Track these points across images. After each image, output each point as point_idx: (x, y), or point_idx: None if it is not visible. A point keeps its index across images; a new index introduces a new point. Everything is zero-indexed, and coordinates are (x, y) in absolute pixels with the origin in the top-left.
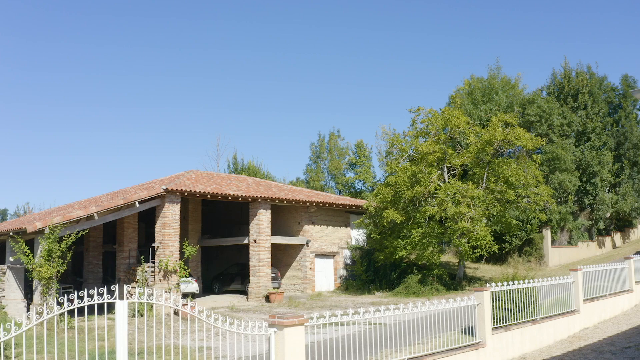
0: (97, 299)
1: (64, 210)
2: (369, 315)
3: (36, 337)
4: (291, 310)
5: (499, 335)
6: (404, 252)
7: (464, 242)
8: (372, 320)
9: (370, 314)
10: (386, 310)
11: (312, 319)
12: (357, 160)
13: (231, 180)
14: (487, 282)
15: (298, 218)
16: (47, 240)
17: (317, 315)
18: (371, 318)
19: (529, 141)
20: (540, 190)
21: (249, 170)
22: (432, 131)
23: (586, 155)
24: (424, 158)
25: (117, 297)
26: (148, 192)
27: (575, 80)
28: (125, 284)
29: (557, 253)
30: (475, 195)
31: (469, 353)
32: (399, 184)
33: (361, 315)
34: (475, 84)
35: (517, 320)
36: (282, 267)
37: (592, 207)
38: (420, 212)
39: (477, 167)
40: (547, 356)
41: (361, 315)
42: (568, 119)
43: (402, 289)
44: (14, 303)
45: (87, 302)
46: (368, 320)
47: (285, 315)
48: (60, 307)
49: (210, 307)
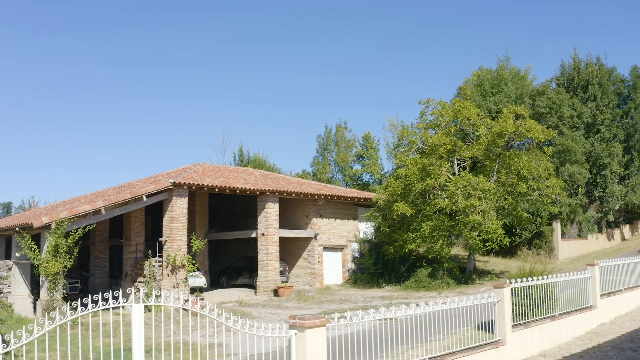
0: (112, 302)
1: (70, 205)
2: (390, 314)
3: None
4: (300, 305)
5: (519, 333)
6: (413, 245)
7: (474, 236)
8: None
9: (392, 312)
10: (407, 309)
11: (333, 320)
12: (364, 152)
13: (238, 173)
14: (497, 275)
15: (306, 211)
16: (53, 236)
17: (338, 316)
18: (392, 316)
19: (541, 133)
20: (552, 182)
21: (255, 162)
22: (443, 123)
23: (596, 147)
24: (435, 150)
25: (132, 300)
26: (155, 186)
27: (585, 72)
28: (133, 278)
29: (567, 246)
30: (487, 188)
31: (489, 351)
32: (409, 176)
33: (382, 314)
34: (484, 75)
35: (535, 317)
36: (290, 261)
37: (601, 199)
38: (430, 205)
39: (487, 159)
40: (566, 353)
41: (382, 314)
42: (578, 110)
43: (412, 282)
44: (21, 299)
45: (101, 306)
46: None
47: (306, 317)
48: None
49: (219, 302)
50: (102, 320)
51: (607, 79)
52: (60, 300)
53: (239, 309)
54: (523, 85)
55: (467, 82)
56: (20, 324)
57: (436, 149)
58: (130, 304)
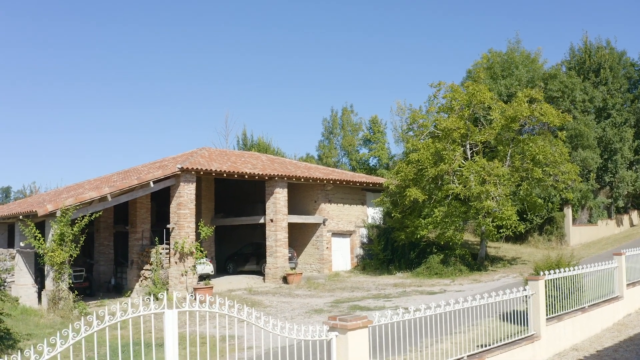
0: (143, 309)
1: (75, 191)
2: (430, 311)
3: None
4: (311, 292)
5: (552, 326)
6: (425, 231)
7: (488, 222)
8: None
9: (432, 310)
10: (446, 305)
11: (375, 319)
12: (371, 136)
13: (245, 157)
14: (509, 262)
15: (314, 196)
16: (59, 224)
17: (379, 315)
18: (432, 313)
19: (556, 117)
20: (568, 168)
21: (259, 146)
22: (456, 107)
23: (608, 132)
24: (448, 134)
25: (165, 306)
26: (163, 172)
27: (597, 55)
28: (139, 266)
29: (577, 232)
30: (501, 173)
31: (525, 347)
32: (422, 161)
33: (422, 312)
34: (494, 59)
35: (566, 310)
36: (297, 247)
37: (611, 184)
38: (442, 191)
39: (499, 144)
40: (599, 347)
41: (422, 312)
42: (590, 94)
43: (424, 269)
44: (25, 288)
45: (131, 314)
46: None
47: (347, 317)
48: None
49: (227, 290)
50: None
51: (617, 62)
52: (66, 291)
53: (249, 297)
54: (534, 68)
55: (477, 64)
56: (26, 316)
57: (450, 133)
58: (162, 310)
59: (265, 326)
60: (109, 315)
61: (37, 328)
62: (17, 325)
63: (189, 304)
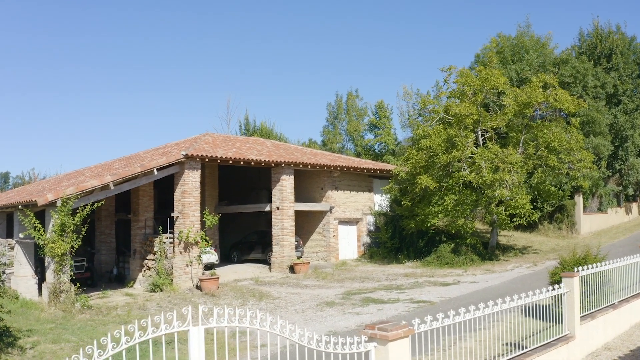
0: (165, 327)
1: (75, 179)
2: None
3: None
4: (320, 283)
5: (586, 325)
6: (436, 219)
7: (501, 210)
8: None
9: (471, 313)
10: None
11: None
12: (377, 121)
13: (250, 143)
14: (520, 251)
15: (320, 183)
16: (59, 214)
17: (419, 322)
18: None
19: (571, 103)
20: (583, 155)
21: (261, 131)
22: (469, 92)
23: (619, 118)
24: (461, 120)
25: (189, 322)
26: (167, 159)
27: (609, 40)
28: (142, 255)
29: (588, 220)
30: (515, 160)
31: (560, 348)
32: (434, 148)
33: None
34: (503, 43)
35: (596, 307)
36: (303, 235)
37: (621, 172)
38: (453, 178)
39: (511, 130)
40: (632, 346)
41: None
42: (602, 80)
43: (434, 258)
44: (24, 280)
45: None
46: (411, 297)
47: (388, 327)
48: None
49: (233, 280)
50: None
51: (628, 48)
52: (68, 283)
53: (256, 287)
54: (544, 53)
55: (485, 49)
56: (26, 309)
57: (463, 119)
58: (187, 328)
59: (300, 340)
60: (119, 337)
61: (38, 323)
62: (16, 320)
63: (217, 319)
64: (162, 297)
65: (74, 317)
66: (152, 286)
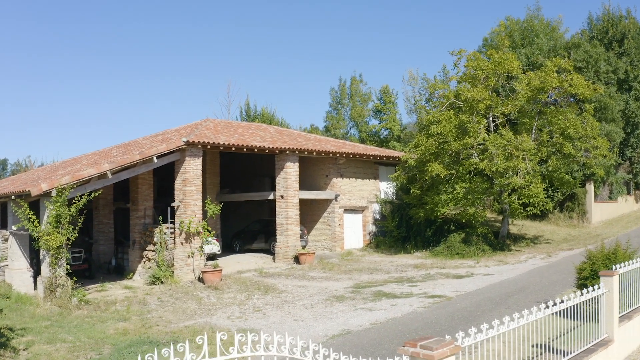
0: None
1: (71, 167)
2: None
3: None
4: (326, 274)
5: (624, 327)
6: (445, 208)
7: (514, 199)
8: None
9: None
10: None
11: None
12: (382, 106)
13: (252, 129)
14: (532, 240)
15: (325, 170)
16: (54, 204)
17: (463, 335)
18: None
19: (586, 88)
20: (599, 142)
21: (262, 117)
22: (481, 76)
23: (631, 104)
24: (473, 106)
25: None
26: (167, 146)
27: (620, 25)
28: (141, 246)
29: (599, 209)
30: (529, 147)
31: (600, 353)
32: (445, 134)
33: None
34: (512, 26)
35: (631, 306)
36: (307, 224)
37: (631, 159)
38: (464, 166)
39: (524, 116)
40: None
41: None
42: (614, 65)
43: (444, 248)
44: (19, 273)
45: None
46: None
47: (432, 346)
48: None
49: (236, 271)
50: None
51: (638, 33)
52: (64, 277)
53: (261, 279)
54: (554, 37)
55: (494, 33)
56: (21, 304)
57: (475, 104)
58: None
59: None
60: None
61: (33, 320)
62: (10, 317)
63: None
64: (163, 291)
65: (70, 314)
66: (153, 278)
